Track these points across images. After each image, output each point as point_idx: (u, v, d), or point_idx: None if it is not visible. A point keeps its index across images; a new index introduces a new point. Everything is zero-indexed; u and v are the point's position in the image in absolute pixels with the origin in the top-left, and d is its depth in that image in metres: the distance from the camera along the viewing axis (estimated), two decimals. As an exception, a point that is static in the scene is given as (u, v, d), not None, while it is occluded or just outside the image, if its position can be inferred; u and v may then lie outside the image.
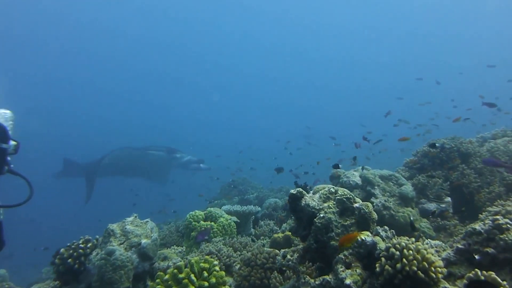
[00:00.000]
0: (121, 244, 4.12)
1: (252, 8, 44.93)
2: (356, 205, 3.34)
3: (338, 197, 3.37)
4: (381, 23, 44.24)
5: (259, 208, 5.83)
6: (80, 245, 4.27)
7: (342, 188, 3.45)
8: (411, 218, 4.87)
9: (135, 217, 4.53)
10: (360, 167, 5.74)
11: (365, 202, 3.35)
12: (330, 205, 3.34)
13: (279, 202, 7.41)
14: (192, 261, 3.59)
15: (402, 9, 42.28)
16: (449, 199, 5.50)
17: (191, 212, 5.21)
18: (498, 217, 3.17)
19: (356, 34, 46.89)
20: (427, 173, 5.86)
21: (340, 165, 5.90)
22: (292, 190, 3.47)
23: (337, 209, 3.34)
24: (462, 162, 5.96)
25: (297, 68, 51.15)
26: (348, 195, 3.36)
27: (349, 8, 43.86)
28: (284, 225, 5.83)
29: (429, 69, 38.58)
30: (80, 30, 39.47)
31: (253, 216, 5.81)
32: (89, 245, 4.31)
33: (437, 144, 5.94)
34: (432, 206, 5.42)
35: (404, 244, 2.88)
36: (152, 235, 4.38)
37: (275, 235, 5.04)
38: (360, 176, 5.39)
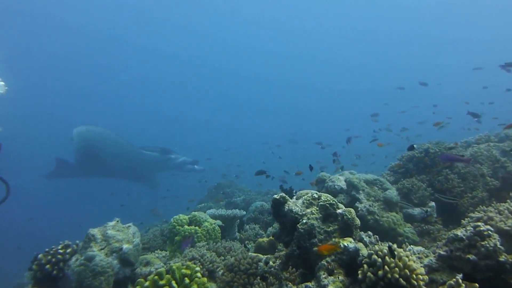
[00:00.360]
0: (101, 249, 4.04)
1: (236, 9, 44.99)
2: (339, 211, 3.33)
3: (321, 202, 3.35)
4: (370, 25, 44.62)
5: (244, 212, 5.78)
6: (59, 251, 4.16)
7: (326, 194, 3.43)
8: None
9: (117, 221, 4.44)
10: (346, 171, 5.74)
11: (348, 208, 3.33)
12: (313, 211, 3.32)
13: (265, 206, 7.36)
14: (174, 267, 3.52)
15: (391, 12, 42.69)
16: (433, 203, 5.53)
17: (175, 216, 5.14)
18: (479, 223, 3.18)
19: (347, 37, 47.19)
20: (412, 177, 5.89)
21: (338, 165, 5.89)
22: (276, 195, 3.44)
23: (320, 215, 3.31)
24: (446, 167, 6.01)
25: (288, 71, 51.29)
26: (331, 201, 3.34)
27: (337, 10, 44.16)
28: (270, 229, 5.79)
29: (423, 71, 39.16)
30: (76, 33, 39.09)
31: (238, 220, 5.76)
32: (68, 250, 4.21)
33: (419, 148, 6.00)
34: (416, 211, 5.45)
35: (386, 250, 2.87)
36: (134, 240, 4.30)
37: (260, 240, 4.99)
38: (345, 181, 5.38)
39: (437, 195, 5.47)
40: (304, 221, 3.25)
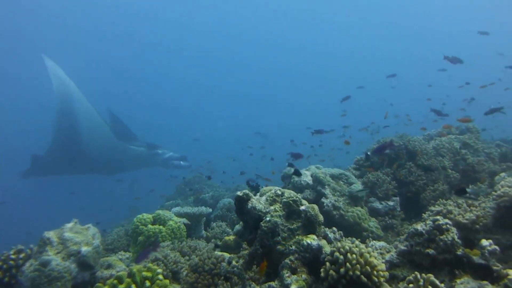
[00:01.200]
0: (58, 253, 3.84)
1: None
2: (302, 207, 3.30)
3: (284, 199, 3.31)
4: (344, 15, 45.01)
5: (210, 210, 5.68)
6: (11, 256, 3.93)
7: (289, 190, 3.39)
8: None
9: (75, 222, 4.24)
10: (313, 166, 5.75)
11: (311, 205, 3.31)
12: (277, 208, 3.27)
13: (233, 203, 7.29)
14: (134, 270, 3.40)
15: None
16: (397, 197, 5.63)
17: (138, 216, 4.97)
18: (438, 217, 3.24)
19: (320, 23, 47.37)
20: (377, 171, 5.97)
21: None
22: (239, 192, 3.37)
23: (284, 212, 3.27)
24: (409, 160, 6.13)
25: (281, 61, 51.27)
26: (294, 198, 3.30)
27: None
28: (237, 226, 5.72)
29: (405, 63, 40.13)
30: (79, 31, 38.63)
31: (205, 218, 5.66)
32: (21, 255, 3.98)
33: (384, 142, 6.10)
34: (380, 204, 5.53)
35: (348, 248, 2.87)
36: (93, 241, 4.12)
37: (226, 238, 4.92)
38: (311, 176, 5.39)
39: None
40: (268, 218, 3.20)
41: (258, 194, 3.51)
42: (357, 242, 3.02)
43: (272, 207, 3.28)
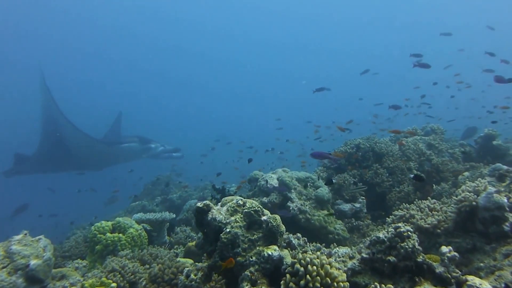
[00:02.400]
0: (3, 267, 3.57)
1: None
2: (264, 217, 3.19)
3: (246, 209, 3.19)
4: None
5: (174, 215, 5.49)
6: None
7: (251, 200, 3.27)
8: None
9: (25, 234, 3.97)
10: (279, 169, 5.67)
11: (273, 215, 3.21)
12: (238, 219, 3.15)
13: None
14: (86, 284, 3.21)
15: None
16: (363, 199, 5.64)
17: (96, 224, 4.72)
18: (400, 224, 3.21)
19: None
20: (344, 172, 5.96)
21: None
22: (199, 203, 3.22)
23: (245, 223, 3.16)
24: (376, 162, 6.16)
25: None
26: (256, 208, 3.19)
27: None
28: (199, 235, 5.57)
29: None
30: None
31: (168, 223, 5.47)
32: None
33: (350, 144, 6.09)
34: (347, 206, 5.52)
35: (309, 259, 2.79)
36: (44, 254, 3.87)
37: (190, 244, 4.78)
38: (278, 179, 5.30)
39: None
40: (228, 230, 3.07)
41: (219, 204, 3.37)
42: (318, 253, 2.95)
43: (233, 218, 3.15)
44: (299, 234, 3.94)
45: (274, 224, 3.13)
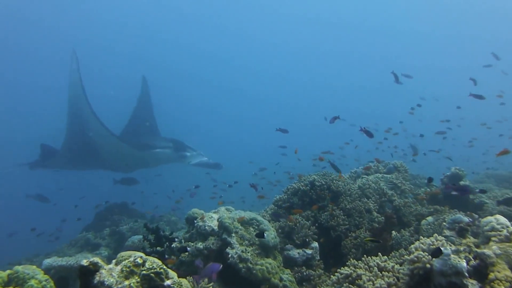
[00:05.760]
0: None
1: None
2: (167, 283, 2.52)
3: (144, 271, 2.52)
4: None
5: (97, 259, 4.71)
6: None
7: (152, 259, 2.61)
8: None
9: None
10: (223, 208, 5.03)
11: (179, 280, 2.55)
12: (133, 284, 2.47)
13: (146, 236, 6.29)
14: None
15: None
16: (316, 244, 5.03)
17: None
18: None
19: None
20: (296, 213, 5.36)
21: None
22: (84, 261, 2.54)
23: (143, 289, 2.48)
24: (332, 201, 5.61)
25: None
26: (158, 269, 2.53)
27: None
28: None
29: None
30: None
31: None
32: None
33: (304, 181, 5.56)
34: (297, 253, 4.90)
35: None
36: None
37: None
38: (218, 220, 4.65)
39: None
40: (119, 299, 2.39)
41: (114, 261, 2.69)
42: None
43: (127, 282, 2.47)
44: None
45: (180, 292, 2.48)
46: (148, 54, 45.25)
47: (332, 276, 3.67)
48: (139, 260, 2.57)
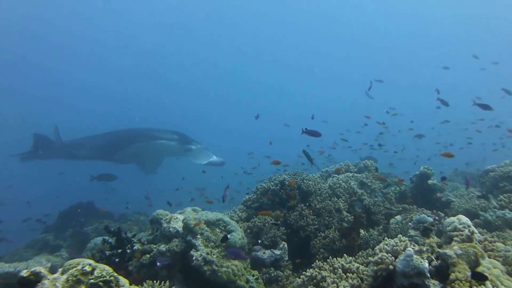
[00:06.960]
0: None
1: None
2: (118, 290, 2.36)
3: (92, 280, 2.35)
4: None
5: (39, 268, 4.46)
6: None
7: (102, 266, 2.44)
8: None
9: None
10: (189, 208, 4.88)
11: (132, 287, 2.39)
12: (79, 293, 2.30)
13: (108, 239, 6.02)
14: None
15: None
16: (284, 244, 4.95)
17: None
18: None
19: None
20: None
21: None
22: (24, 272, 2.34)
23: (91, 298, 2.31)
24: (302, 201, 5.55)
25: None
26: (107, 277, 2.36)
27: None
28: None
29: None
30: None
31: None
32: None
33: (274, 180, 5.47)
34: (266, 254, 4.80)
35: None
36: None
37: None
38: (183, 221, 4.49)
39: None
40: (64, 309, 2.21)
41: (60, 270, 2.50)
42: None
43: (72, 291, 2.30)
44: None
45: (129, 301, 2.32)
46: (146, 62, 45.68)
47: (297, 278, 3.59)
48: (88, 268, 2.40)
